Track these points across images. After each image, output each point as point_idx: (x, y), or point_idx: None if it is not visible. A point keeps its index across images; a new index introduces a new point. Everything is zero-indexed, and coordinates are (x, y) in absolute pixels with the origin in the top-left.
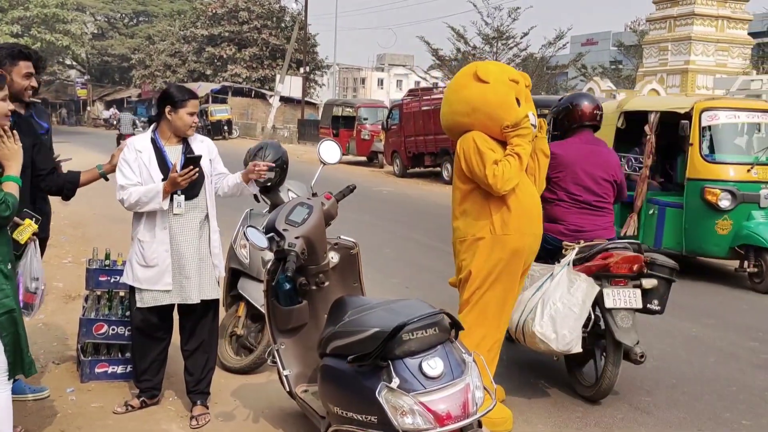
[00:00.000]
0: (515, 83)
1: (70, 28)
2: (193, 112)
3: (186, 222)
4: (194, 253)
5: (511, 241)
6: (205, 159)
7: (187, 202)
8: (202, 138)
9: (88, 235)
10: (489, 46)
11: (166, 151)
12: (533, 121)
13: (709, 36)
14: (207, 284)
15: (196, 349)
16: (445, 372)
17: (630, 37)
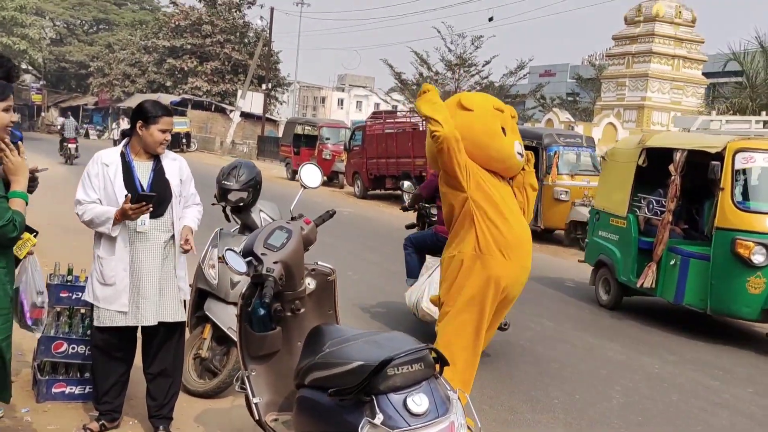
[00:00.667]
0: (500, 112)
1: (28, 32)
2: (165, 129)
3: (149, 241)
4: (155, 274)
5: (495, 265)
6: (175, 178)
7: (152, 221)
8: (174, 156)
9: (43, 247)
10: (451, 72)
11: (135, 166)
12: (519, 150)
13: (666, 74)
14: (168, 306)
15: (159, 373)
16: (429, 409)
17: (587, 70)
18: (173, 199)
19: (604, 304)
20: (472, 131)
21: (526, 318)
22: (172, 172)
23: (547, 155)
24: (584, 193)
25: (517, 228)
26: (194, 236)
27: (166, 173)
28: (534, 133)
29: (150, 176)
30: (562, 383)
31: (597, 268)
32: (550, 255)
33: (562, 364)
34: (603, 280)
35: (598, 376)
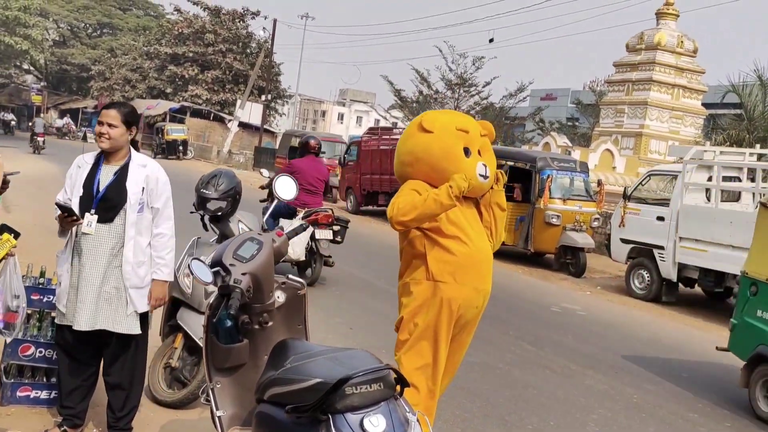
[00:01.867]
0: (464, 133)
1: (31, 32)
2: (101, 122)
3: (95, 244)
4: (96, 279)
5: (446, 289)
6: (136, 185)
7: (100, 225)
8: (145, 162)
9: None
10: (451, 91)
11: (102, 169)
12: (482, 172)
13: (665, 103)
14: (107, 315)
15: (116, 385)
16: (387, 430)
17: (588, 96)
18: (127, 207)
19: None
20: (429, 154)
21: (507, 341)
22: (135, 178)
23: (540, 178)
24: (575, 218)
25: (473, 250)
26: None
27: (128, 179)
28: (528, 156)
29: (110, 180)
30: (538, 409)
31: (753, 363)
32: (539, 279)
33: (540, 390)
34: (765, 382)
35: (575, 404)
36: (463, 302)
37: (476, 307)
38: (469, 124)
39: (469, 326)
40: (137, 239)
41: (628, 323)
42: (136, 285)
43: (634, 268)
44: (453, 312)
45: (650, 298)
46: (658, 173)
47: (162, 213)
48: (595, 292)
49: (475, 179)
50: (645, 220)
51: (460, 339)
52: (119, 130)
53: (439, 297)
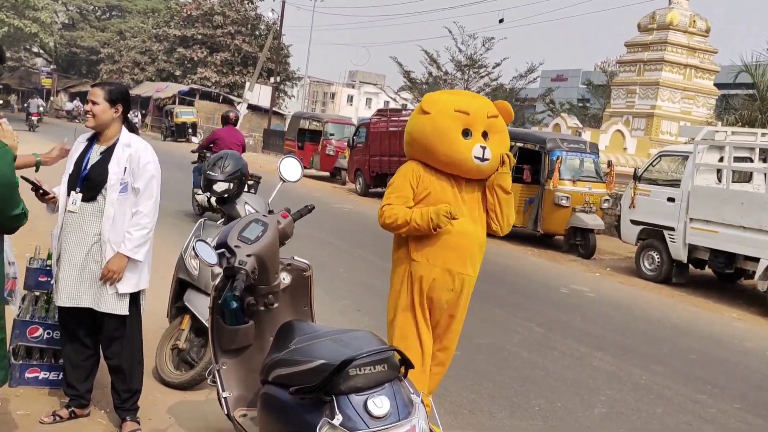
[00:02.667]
0: (464, 114)
1: (40, 15)
2: (87, 100)
3: (78, 223)
4: (79, 256)
5: (418, 268)
6: (118, 166)
7: (83, 204)
8: (129, 142)
9: (36, 228)
10: (461, 72)
11: (93, 148)
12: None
13: (677, 83)
14: (87, 293)
15: (116, 367)
16: (390, 412)
17: (599, 76)
18: (107, 186)
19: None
20: (423, 135)
21: (515, 323)
22: (118, 158)
23: (550, 160)
24: (585, 199)
25: (454, 233)
26: (174, 224)
27: (111, 159)
28: (537, 137)
29: (96, 159)
30: (545, 390)
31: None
32: (548, 260)
33: (548, 372)
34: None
35: (583, 385)
36: (434, 283)
37: (450, 290)
38: (472, 105)
39: (450, 310)
40: (117, 219)
41: (638, 304)
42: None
43: (644, 250)
44: (423, 291)
45: (660, 280)
46: (668, 154)
47: (143, 193)
48: (604, 273)
49: (468, 161)
50: (655, 201)
51: (443, 323)
52: (101, 107)
53: (413, 276)
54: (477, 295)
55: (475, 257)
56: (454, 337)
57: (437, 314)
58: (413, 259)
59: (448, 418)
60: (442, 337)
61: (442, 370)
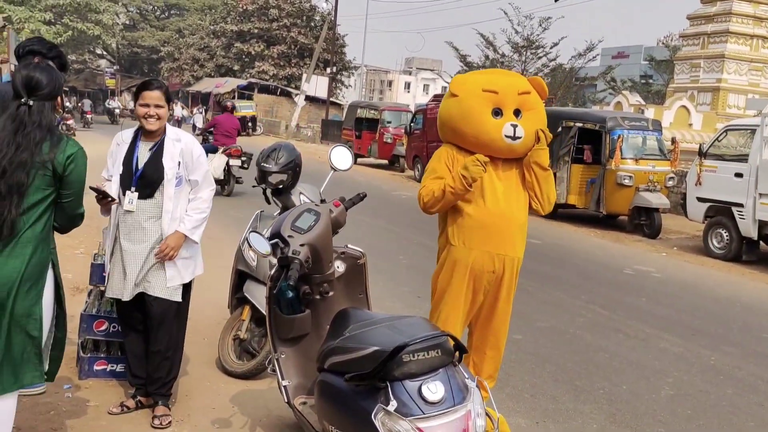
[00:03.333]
0: (492, 93)
1: (102, 18)
2: (146, 104)
3: (136, 220)
4: (142, 254)
5: (455, 252)
6: (172, 160)
7: (141, 201)
8: (178, 137)
9: (102, 225)
10: (518, 54)
11: (139, 146)
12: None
13: (743, 55)
14: (144, 282)
15: (159, 352)
16: (445, 397)
17: (662, 52)
18: (165, 182)
19: None
20: (451, 118)
21: (578, 304)
22: (170, 153)
23: (611, 139)
24: (649, 178)
25: (490, 213)
26: (235, 217)
27: (164, 155)
28: (597, 117)
29: (147, 156)
30: (610, 373)
31: None
32: (612, 241)
33: (612, 354)
34: None
35: (649, 368)
36: (473, 266)
37: (491, 272)
38: (500, 83)
39: (495, 292)
40: (175, 212)
41: (706, 284)
42: (186, 255)
43: (712, 227)
44: (463, 276)
45: (730, 258)
46: (735, 128)
47: (202, 183)
48: (671, 253)
49: (498, 141)
50: (722, 178)
51: (487, 305)
52: (165, 110)
53: (452, 260)
54: (538, 277)
55: (515, 237)
56: (504, 318)
57: (480, 296)
58: (452, 244)
59: (509, 403)
60: (491, 318)
61: (497, 354)
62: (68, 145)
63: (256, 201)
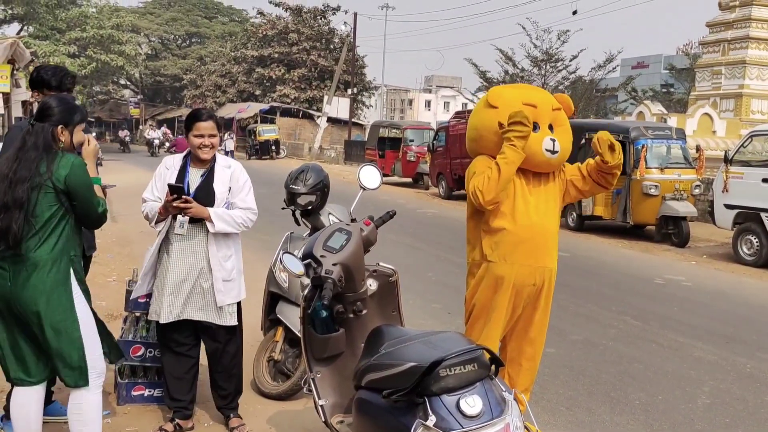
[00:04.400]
0: (532, 107)
1: (125, 48)
2: (200, 134)
3: (187, 243)
4: (188, 275)
5: (495, 268)
6: (223, 186)
7: (191, 225)
8: (229, 163)
9: (134, 253)
10: (537, 68)
11: (189, 171)
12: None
13: (765, 60)
14: (202, 308)
15: (223, 372)
16: (484, 410)
17: (682, 60)
18: (215, 206)
19: None
20: (491, 130)
21: (610, 316)
22: (221, 179)
23: (635, 149)
24: (675, 186)
25: (525, 227)
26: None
27: (215, 181)
28: (621, 127)
29: (198, 182)
30: (645, 384)
31: None
32: (640, 251)
33: (646, 365)
34: None
35: (684, 377)
36: (516, 281)
37: (533, 285)
38: (537, 98)
39: (533, 303)
40: (221, 236)
41: (738, 291)
42: (224, 278)
43: (741, 234)
44: (506, 291)
45: (761, 264)
46: (760, 133)
47: (250, 205)
48: (700, 261)
49: (539, 155)
50: (750, 183)
51: (525, 316)
52: (217, 138)
53: (492, 276)
54: (569, 290)
55: (551, 249)
56: (542, 328)
57: (519, 310)
58: (490, 261)
59: (545, 416)
60: (528, 329)
61: (533, 365)
62: (62, 161)
63: (283, 224)
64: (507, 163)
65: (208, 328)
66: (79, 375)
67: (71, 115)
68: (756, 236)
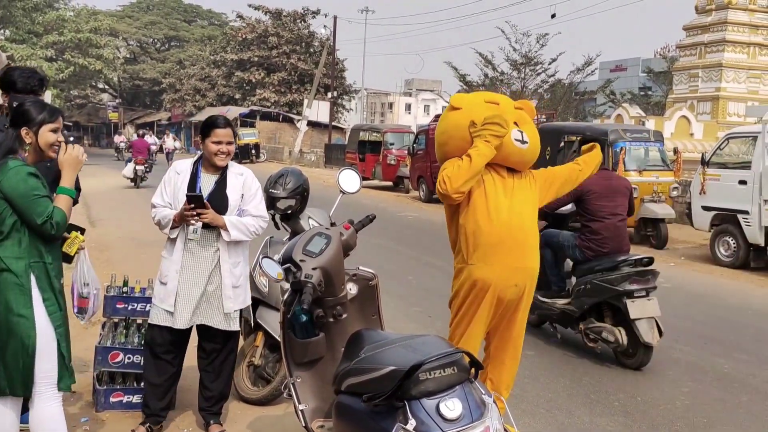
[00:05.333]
0: (495, 104)
1: (103, 52)
2: (218, 141)
3: (200, 249)
4: (201, 281)
5: (476, 271)
6: (236, 193)
7: (204, 231)
8: (241, 171)
9: (113, 258)
10: (517, 71)
11: (201, 177)
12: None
13: (741, 63)
14: (207, 313)
15: (214, 375)
16: (463, 414)
17: (659, 63)
18: (228, 213)
19: None
20: (459, 128)
21: None
22: (234, 186)
23: (613, 152)
24: (653, 188)
25: (503, 227)
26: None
27: (228, 187)
28: (599, 130)
29: (211, 188)
30: (624, 385)
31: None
32: None
33: (625, 366)
34: None
35: (663, 378)
36: (496, 282)
37: (515, 285)
38: (499, 97)
39: (514, 304)
40: (232, 241)
41: (716, 292)
42: (232, 284)
43: (718, 236)
44: (486, 293)
45: (738, 265)
46: (736, 136)
47: (262, 213)
48: (679, 263)
49: (510, 145)
50: (726, 185)
51: (508, 316)
52: (233, 146)
53: (472, 280)
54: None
55: (531, 248)
56: (522, 327)
57: (501, 309)
58: (470, 264)
59: (526, 419)
60: (511, 328)
61: (514, 363)
62: (4, 166)
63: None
64: (479, 155)
65: (209, 331)
66: (21, 384)
67: (33, 115)
68: (733, 237)
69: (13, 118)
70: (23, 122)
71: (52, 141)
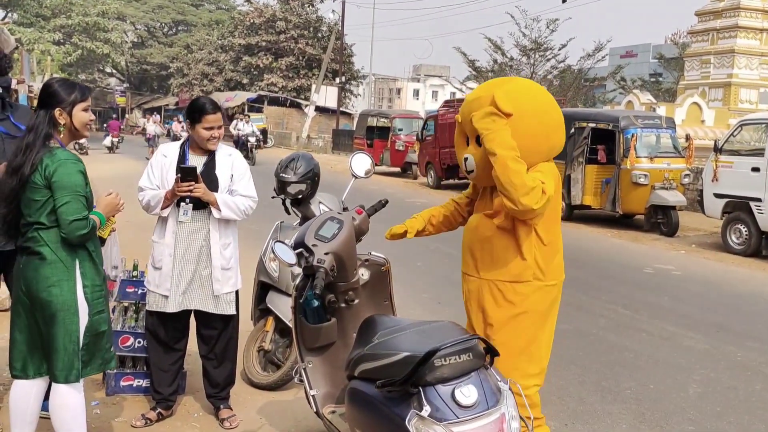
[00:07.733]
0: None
1: (111, 36)
2: (210, 127)
3: (191, 231)
4: (192, 263)
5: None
6: (226, 173)
7: (195, 212)
8: (230, 152)
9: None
10: (526, 57)
11: (189, 158)
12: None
13: (753, 49)
14: (201, 297)
15: (216, 361)
16: (479, 400)
17: (671, 49)
18: (219, 192)
19: None
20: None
21: (599, 306)
22: (223, 166)
23: (624, 138)
24: (664, 176)
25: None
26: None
27: (217, 168)
28: (610, 116)
29: (200, 169)
30: (636, 373)
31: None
32: (629, 241)
33: (637, 354)
34: None
35: (675, 366)
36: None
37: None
38: (463, 110)
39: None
40: (222, 222)
41: (727, 280)
42: (222, 266)
43: (730, 223)
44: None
45: (749, 253)
46: (749, 122)
47: (251, 194)
48: (690, 250)
49: None
50: (739, 173)
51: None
52: (223, 129)
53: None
54: None
55: (474, 253)
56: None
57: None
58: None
59: None
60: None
61: None
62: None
63: (271, 213)
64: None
65: (205, 315)
66: (69, 370)
67: (64, 96)
68: (745, 225)
69: (42, 99)
70: (55, 103)
71: (86, 120)
